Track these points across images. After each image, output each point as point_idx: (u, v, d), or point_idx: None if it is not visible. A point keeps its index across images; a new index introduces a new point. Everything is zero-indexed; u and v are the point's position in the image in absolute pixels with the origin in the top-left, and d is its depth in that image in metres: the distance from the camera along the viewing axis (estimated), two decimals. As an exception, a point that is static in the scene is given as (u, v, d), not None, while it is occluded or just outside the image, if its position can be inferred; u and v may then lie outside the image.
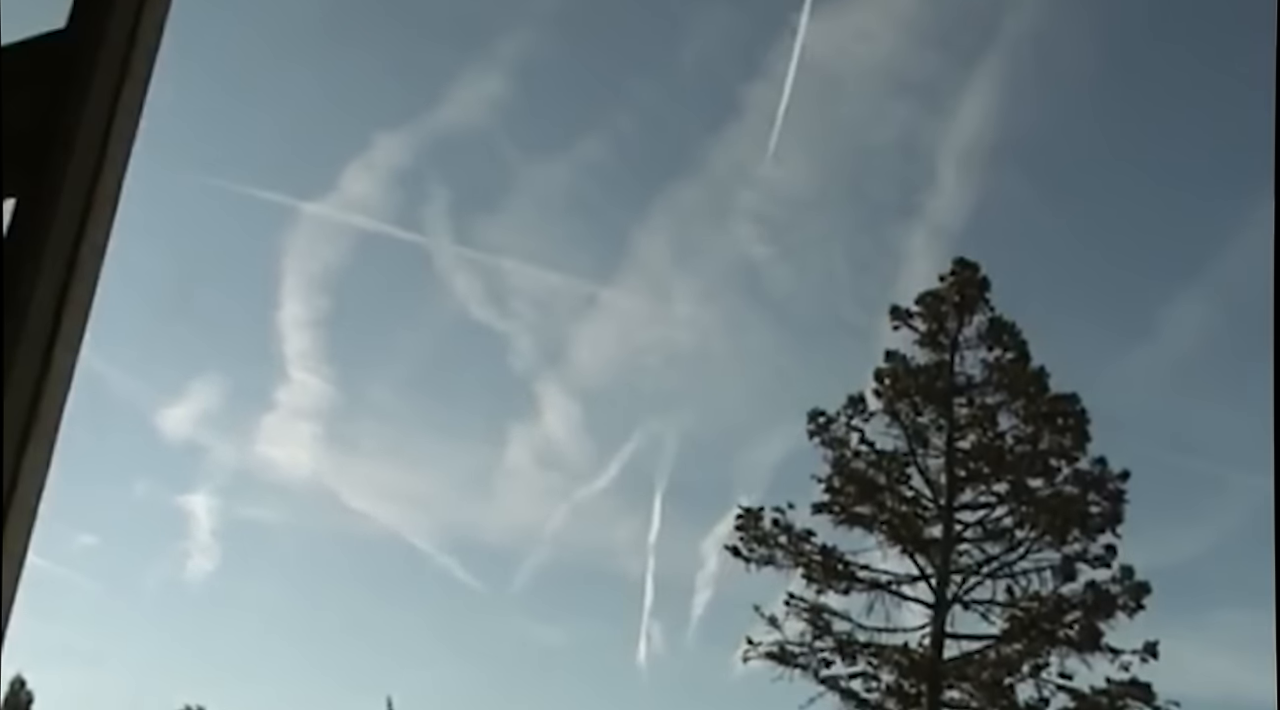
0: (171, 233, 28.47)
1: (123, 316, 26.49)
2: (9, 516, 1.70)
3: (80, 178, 1.83)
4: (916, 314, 28.95)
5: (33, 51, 1.97)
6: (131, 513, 30.64)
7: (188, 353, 31.16)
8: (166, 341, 31.23)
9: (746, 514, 28.00)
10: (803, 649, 27.15)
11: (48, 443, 1.77)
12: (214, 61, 24.87)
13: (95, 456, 28.36)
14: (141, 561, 32.85)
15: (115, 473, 30.58)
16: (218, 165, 29.44)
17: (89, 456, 27.50)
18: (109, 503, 30.16)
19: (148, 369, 30.58)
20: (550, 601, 32.46)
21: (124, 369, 29.81)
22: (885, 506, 27.84)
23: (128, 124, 1.90)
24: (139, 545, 32.91)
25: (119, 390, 29.90)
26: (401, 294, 30.07)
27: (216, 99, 27.05)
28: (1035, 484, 27.70)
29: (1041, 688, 26.48)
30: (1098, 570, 26.85)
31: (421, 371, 30.25)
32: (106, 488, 29.97)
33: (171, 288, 29.23)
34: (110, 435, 29.16)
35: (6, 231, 1.84)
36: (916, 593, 27.61)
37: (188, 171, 27.68)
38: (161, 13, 1.97)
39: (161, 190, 25.05)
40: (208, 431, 31.42)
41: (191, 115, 25.07)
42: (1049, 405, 27.94)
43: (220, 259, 30.85)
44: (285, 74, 29.85)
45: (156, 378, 30.84)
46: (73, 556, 29.60)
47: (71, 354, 1.80)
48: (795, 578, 27.42)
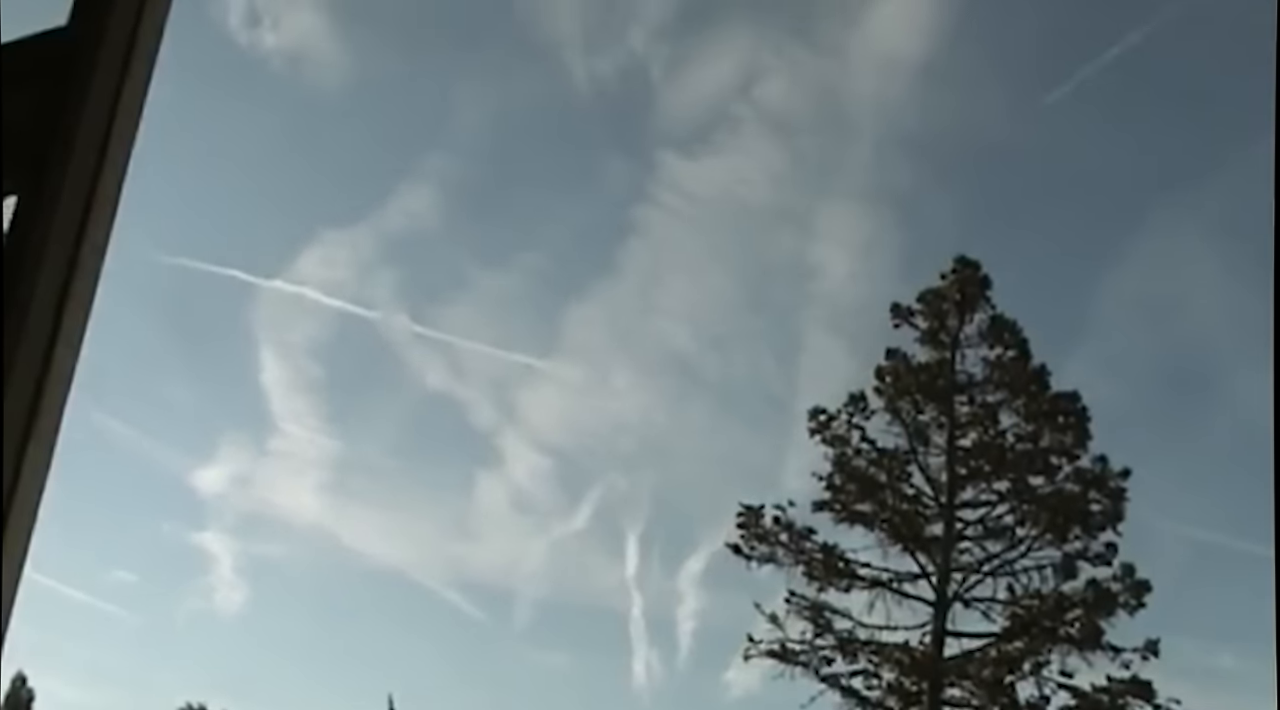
0: (158, 305, 32.22)
1: (122, 370, 30.71)
2: (10, 516, 1.70)
3: (81, 175, 1.83)
4: (918, 312, 28.94)
5: (33, 49, 1.96)
6: (160, 552, 34.59)
7: (187, 407, 34.82)
8: (166, 396, 34.84)
9: (747, 512, 27.99)
10: (803, 647, 27.15)
11: (49, 441, 1.77)
12: (183, 156, 28.35)
13: (125, 503, 33.61)
14: (172, 595, 36.49)
15: (145, 517, 34.67)
16: (194, 246, 33.11)
17: (120, 503, 33.09)
18: (141, 544, 34.40)
19: (171, 431, 34.72)
20: (547, 630, 35.40)
21: (139, 427, 33.87)
22: (886, 504, 27.83)
23: (128, 121, 1.89)
24: (168, 580, 36.79)
25: (145, 449, 34.01)
26: (369, 364, 33.91)
27: (185, 188, 30.51)
28: (1036, 482, 27.70)
29: (1042, 686, 26.49)
30: (1098, 568, 26.87)
31: (399, 431, 34.22)
32: (139, 530, 34.52)
33: (167, 351, 33.42)
34: (139, 486, 33.89)
35: (7, 229, 1.83)
36: (917, 590, 27.63)
37: (165, 251, 31.06)
38: (163, 10, 1.97)
39: (142, 266, 28.73)
40: (220, 480, 35.54)
41: (164, 200, 28.30)
42: (1050, 403, 27.93)
43: (207, 327, 34.19)
44: (249, 170, 33.51)
45: (176, 436, 34.70)
46: (111, 590, 34.43)
47: (72, 352, 1.79)
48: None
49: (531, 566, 34.01)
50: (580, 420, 33.85)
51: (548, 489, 33.82)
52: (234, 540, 34.67)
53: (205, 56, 27.62)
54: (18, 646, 20.74)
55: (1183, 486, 30.86)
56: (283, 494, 35.96)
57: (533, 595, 34.77)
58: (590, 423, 33.62)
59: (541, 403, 32.52)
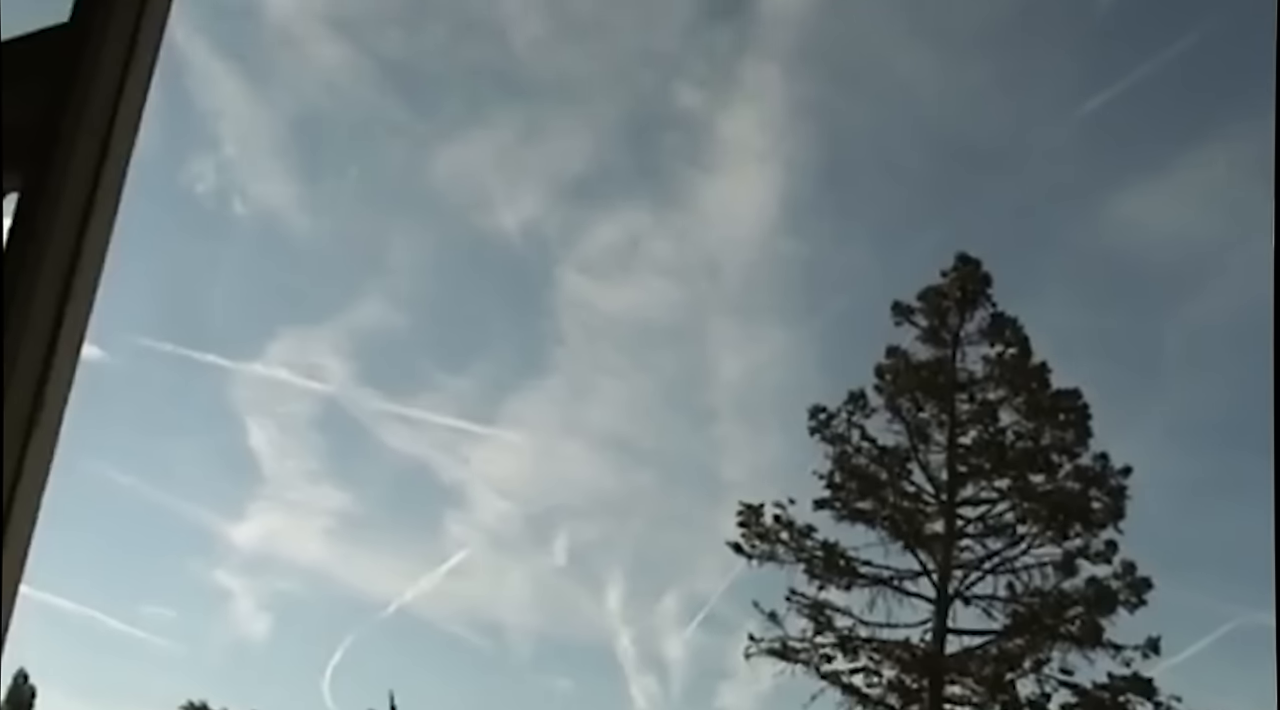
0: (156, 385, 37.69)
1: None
2: (12, 515, 1.69)
3: (83, 172, 1.82)
4: (918, 309, 28.95)
5: (35, 45, 1.95)
6: (189, 589, 39.58)
7: (198, 468, 39.87)
8: (183, 458, 39.96)
9: (748, 510, 27.99)
10: (804, 645, 27.16)
11: (50, 440, 1.76)
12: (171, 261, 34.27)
13: (155, 549, 39.31)
14: (200, 625, 42.00)
15: (173, 561, 40.38)
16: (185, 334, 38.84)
17: (151, 549, 39.00)
18: (171, 583, 40.05)
19: (188, 488, 39.40)
20: (546, 657, 40.34)
21: (164, 486, 39.29)
22: (887, 502, 27.84)
23: (131, 117, 1.88)
24: (196, 612, 41.71)
25: (163, 502, 39.17)
26: (345, 433, 38.83)
27: (164, 286, 35.68)
28: (1036, 479, 27.70)
29: (1043, 683, 26.50)
30: (1099, 566, 26.87)
31: (378, 486, 38.76)
32: (168, 572, 40.15)
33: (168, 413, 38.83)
34: (167, 533, 39.40)
35: (9, 226, 1.82)
36: (918, 588, 27.64)
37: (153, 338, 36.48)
38: (164, 6, 1.96)
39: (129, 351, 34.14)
40: (232, 528, 40.66)
41: (145, 293, 33.20)
42: (1050, 401, 27.94)
43: (201, 401, 38.88)
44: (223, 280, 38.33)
45: (190, 492, 39.75)
46: (148, 621, 40.02)
47: (74, 349, 1.78)
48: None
49: (521, 600, 38.53)
50: (537, 478, 38.88)
51: (519, 534, 38.75)
52: (250, 578, 39.96)
53: (179, 212, 34.70)
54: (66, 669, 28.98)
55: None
56: (289, 540, 41.39)
57: (528, 626, 39.48)
58: (545, 481, 38.67)
59: (500, 464, 37.51)
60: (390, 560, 41.70)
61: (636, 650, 36.28)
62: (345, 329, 37.24)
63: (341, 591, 41.15)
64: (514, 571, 38.77)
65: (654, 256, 34.57)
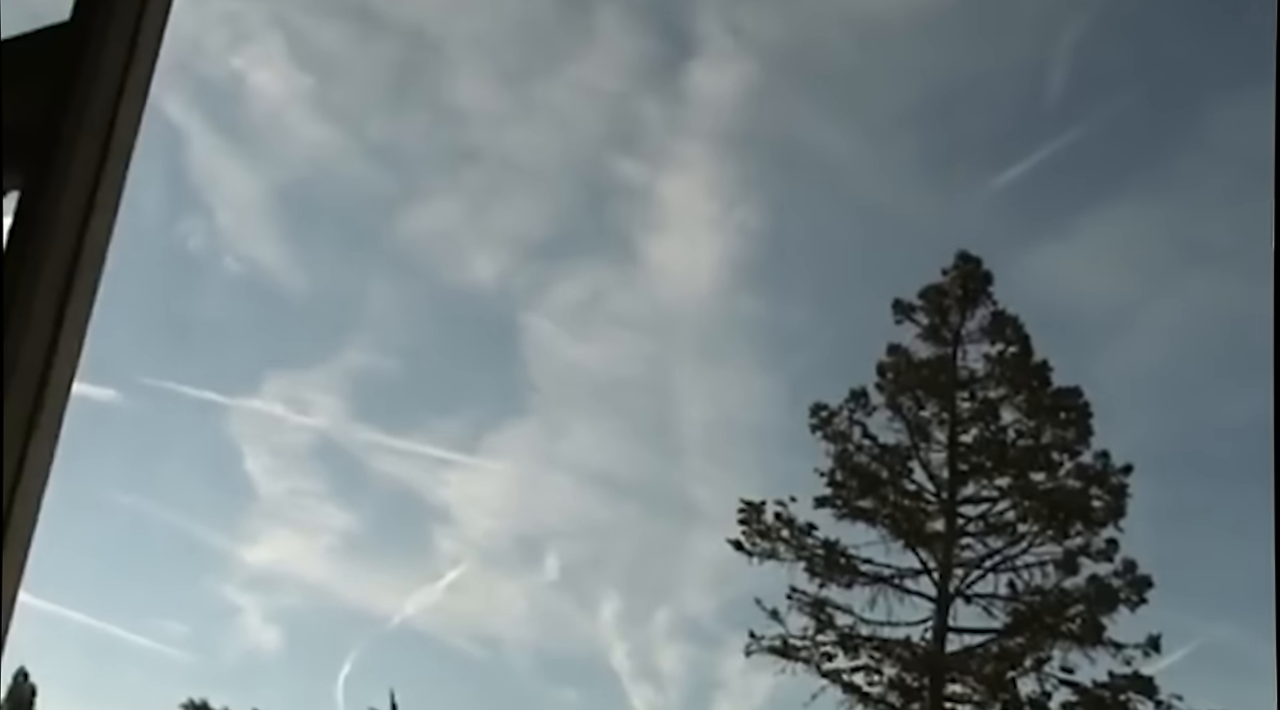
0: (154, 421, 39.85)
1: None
2: (13, 514, 1.68)
3: (84, 171, 1.81)
4: (919, 308, 28.95)
5: (36, 44, 1.95)
6: (201, 606, 41.45)
7: (196, 493, 41.45)
8: (177, 484, 41.44)
9: (749, 508, 28.01)
10: (805, 643, 27.18)
11: (51, 440, 1.75)
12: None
13: (170, 569, 40.97)
14: (213, 638, 44.09)
15: (187, 580, 42.29)
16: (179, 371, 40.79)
17: (166, 569, 40.58)
18: (187, 601, 41.55)
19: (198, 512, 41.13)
20: (548, 668, 41.29)
21: (172, 509, 40.66)
22: (887, 500, 27.85)
23: (131, 116, 1.88)
24: (209, 627, 43.90)
25: (191, 530, 40.95)
26: (339, 463, 41.08)
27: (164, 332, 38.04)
28: (1037, 478, 27.71)
29: (1044, 682, 26.51)
30: (1100, 564, 26.87)
31: (372, 509, 40.93)
32: (183, 590, 42.05)
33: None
34: (180, 554, 41.00)
35: (9, 225, 1.82)
36: (919, 586, 27.65)
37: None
38: (165, 4, 1.95)
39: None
40: (241, 549, 42.79)
41: (148, 338, 35.70)
42: (1051, 399, 27.95)
43: (201, 434, 41.03)
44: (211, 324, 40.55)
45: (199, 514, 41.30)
46: (166, 636, 42.43)
47: (75, 349, 1.78)
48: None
49: (517, 613, 40.29)
50: (524, 504, 40.69)
51: (510, 552, 41.14)
52: (259, 594, 41.48)
53: (177, 269, 37.20)
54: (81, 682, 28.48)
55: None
56: (294, 558, 43.20)
57: (525, 638, 41.05)
58: (531, 506, 40.68)
59: (488, 489, 39.18)
60: (389, 577, 43.96)
61: (632, 663, 38.38)
62: (335, 371, 40.14)
63: (345, 606, 43.55)
64: (508, 587, 41.25)
65: (616, 309, 38.07)
